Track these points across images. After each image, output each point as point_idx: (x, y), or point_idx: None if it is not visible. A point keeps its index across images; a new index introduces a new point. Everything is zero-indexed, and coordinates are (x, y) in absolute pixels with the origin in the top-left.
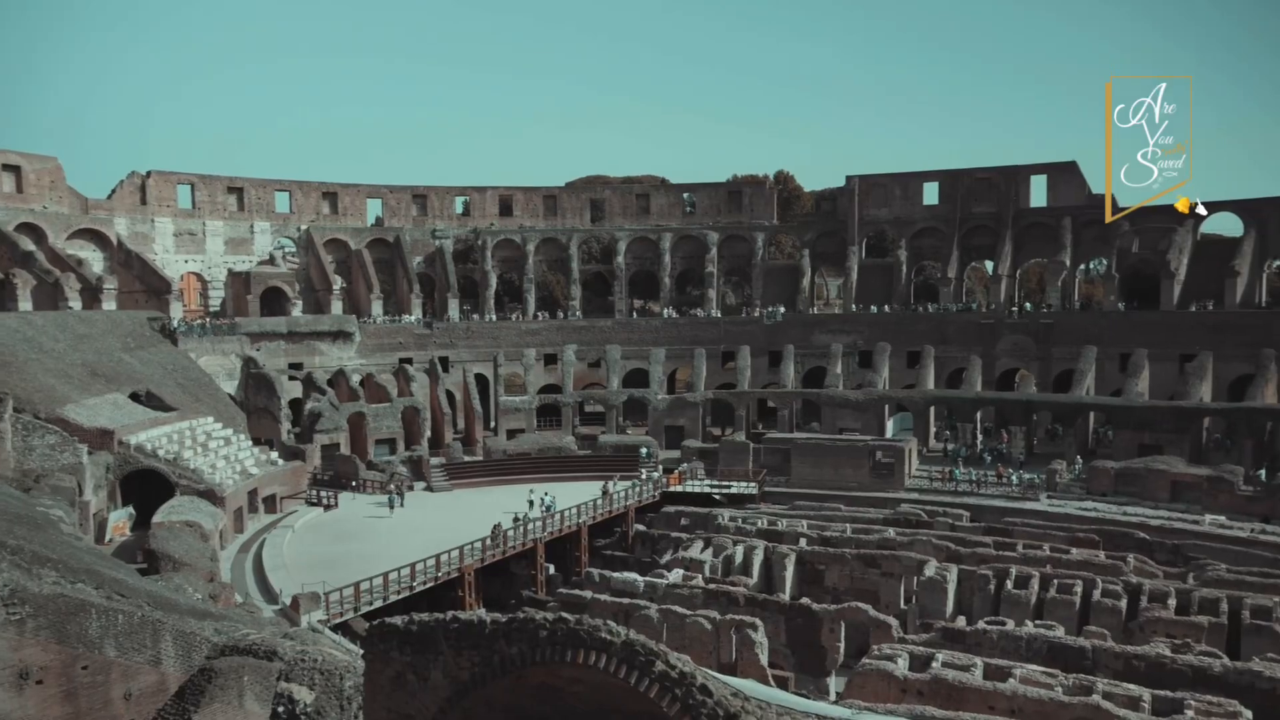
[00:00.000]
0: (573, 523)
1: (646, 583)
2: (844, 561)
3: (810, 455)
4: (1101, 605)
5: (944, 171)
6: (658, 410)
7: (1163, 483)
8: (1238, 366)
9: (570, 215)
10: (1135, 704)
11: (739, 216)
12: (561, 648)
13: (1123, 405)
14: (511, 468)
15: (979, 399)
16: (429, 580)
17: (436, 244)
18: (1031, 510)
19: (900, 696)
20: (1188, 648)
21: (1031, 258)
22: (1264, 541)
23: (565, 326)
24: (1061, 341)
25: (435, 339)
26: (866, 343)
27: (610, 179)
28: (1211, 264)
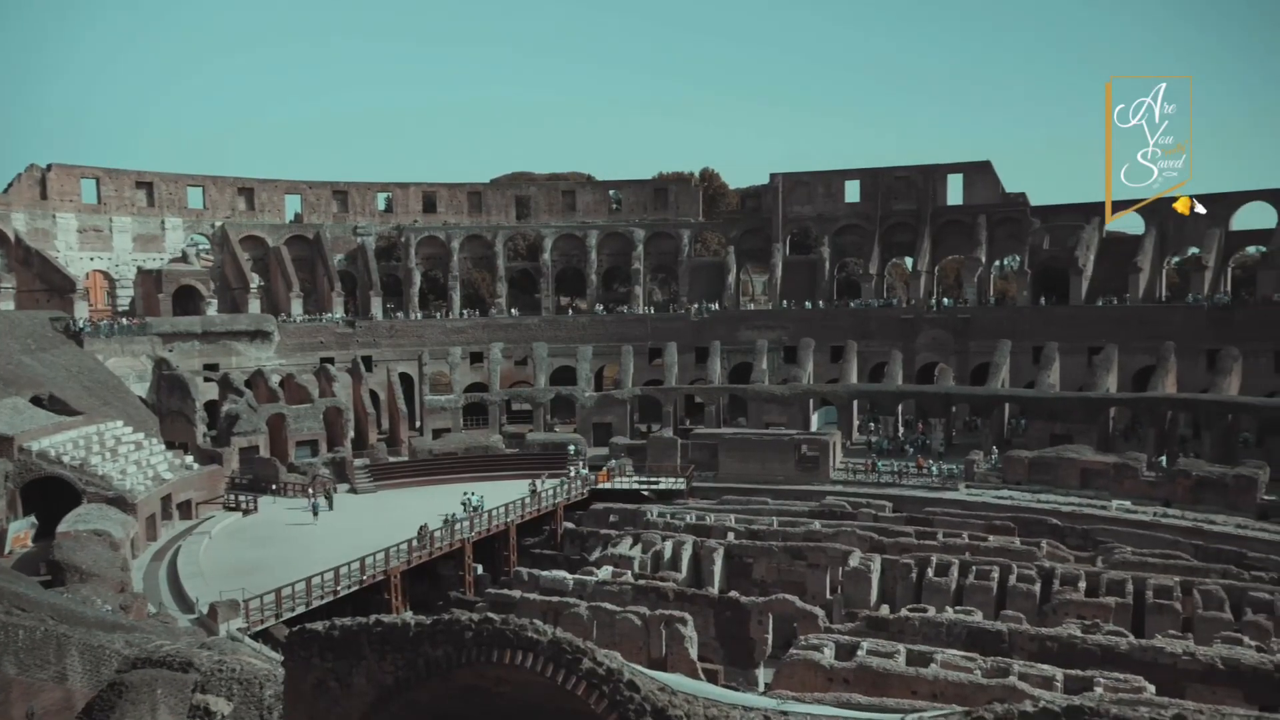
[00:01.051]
0: (501, 522)
1: (576, 580)
2: (771, 554)
3: (737, 450)
4: (1017, 590)
5: (865, 170)
6: (586, 408)
7: (1073, 471)
8: (1141, 358)
9: (496, 212)
10: (1049, 683)
11: (665, 214)
12: (488, 648)
13: (1035, 397)
14: (438, 467)
15: (900, 392)
16: (354, 584)
17: (358, 241)
18: (951, 500)
19: (827, 685)
20: (1097, 628)
21: (949, 254)
22: (1165, 524)
23: (491, 324)
24: (978, 336)
25: (358, 338)
26: (791, 338)
27: (536, 176)
28: (1116, 261)
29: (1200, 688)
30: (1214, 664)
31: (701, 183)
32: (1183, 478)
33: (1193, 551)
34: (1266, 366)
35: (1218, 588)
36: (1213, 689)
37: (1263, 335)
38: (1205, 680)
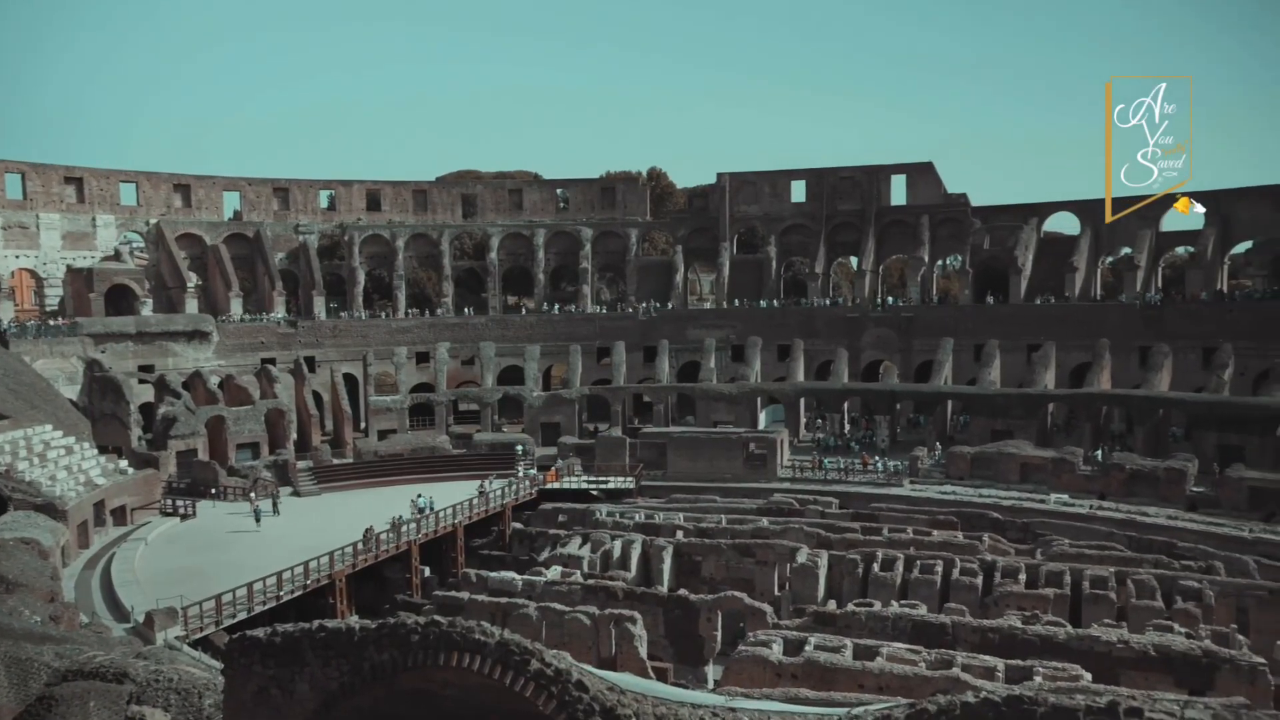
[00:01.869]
0: (448, 523)
1: (525, 581)
2: (720, 552)
3: (686, 449)
4: (960, 583)
5: (811, 170)
6: (534, 407)
7: (1013, 466)
8: (1077, 355)
9: (441, 210)
10: (990, 674)
11: (613, 213)
12: (434, 651)
13: (977, 394)
14: (384, 469)
15: (846, 390)
16: (297, 589)
17: (300, 239)
18: (896, 495)
19: (775, 681)
20: (1036, 619)
21: (893, 254)
22: (1101, 517)
23: (438, 324)
24: (921, 334)
25: (300, 338)
26: (739, 337)
27: (482, 174)
28: (1053, 260)
29: (1134, 674)
30: (1146, 651)
31: (649, 182)
32: (1117, 471)
33: (1127, 542)
34: (1195, 363)
35: (1150, 577)
36: (1145, 675)
37: (1191, 333)
38: (1138, 667)
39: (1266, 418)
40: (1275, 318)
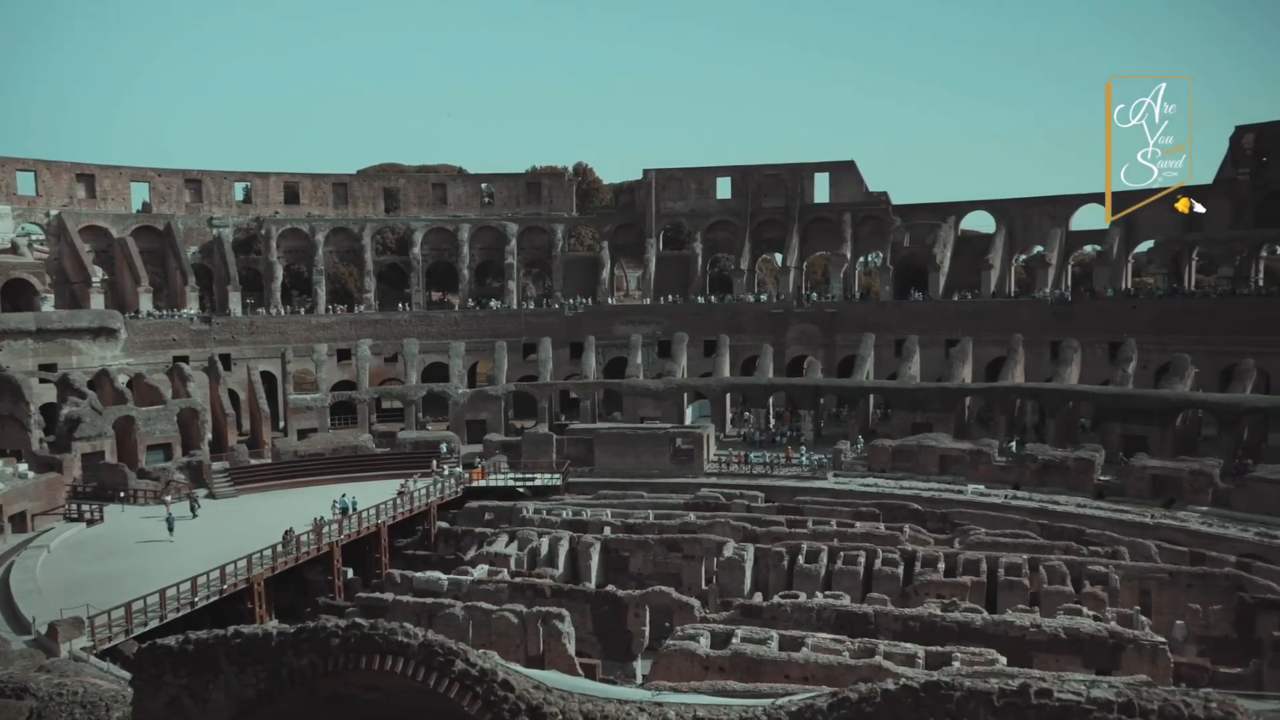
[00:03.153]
0: (371, 523)
1: (451, 580)
2: (647, 547)
3: (613, 444)
4: (882, 573)
5: (735, 167)
6: (458, 405)
7: (932, 458)
8: (993, 350)
9: (363, 204)
10: (911, 661)
11: (538, 208)
12: (355, 654)
13: (898, 388)
14: (304, 469)
15: (771, 385)
16: (213, 594)
17: (214, 233)
18: (820, 489)
19: (703, 674)
20: (954, 606)
21: (816, 250)
22: (1015, 506)
23: (359, 320)
24: (844, 329)
25: (215, 335)
26: (665, 333)
27: (405, 168)
28: (970, 257)
29: (1046, 656)
30: (1057, 634)
31: (575, 177)
32: (1030, 462)
33: (1039, 530)
34: (1102, 357)
35: (1060, 563)
36: (1057, 657)
37: (1098, 328)
38: (1050, 649)
39: (1167, 409)
40: (1174, 314)
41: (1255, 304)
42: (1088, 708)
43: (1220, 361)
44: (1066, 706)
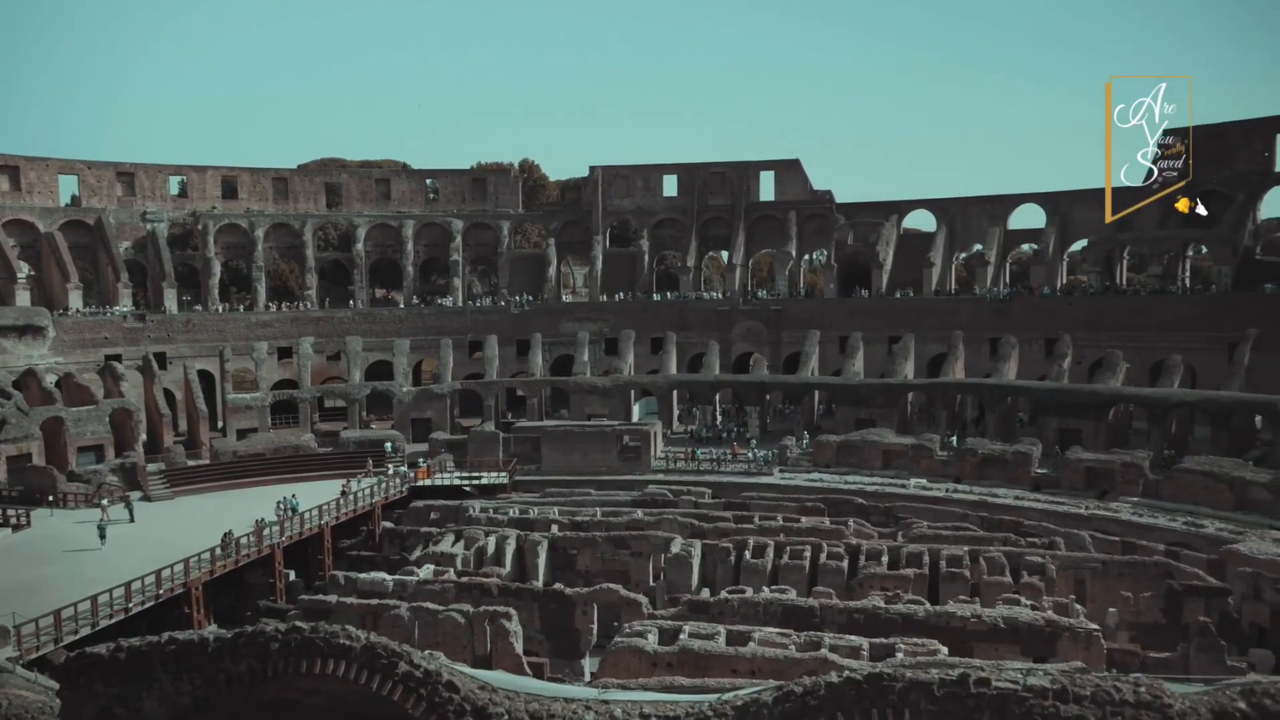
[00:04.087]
0: (314, 524)
1: (396, 581)
2: (595, 545)
3: (560, 442)
4: (827, 567)
5: (682, 165)
6: (403, 403)
7: (876, 453)
8: (934, 346)
9: (304, 199)
10: (856, 653)
11: (484, 204)
12: (296, 659)
13: (842, 384)
14: (244, 470)
15: (717, 382)
16: (148, 600)
17: (148, 228)
18: (766, 484)
19: (651, 670)
20: (898, 598)
21: (762, 248)
22: (955, 499)
23: (301, 318)
24: (789, 326)
25: (150, 333)
26: (612, 330)
27: (347, 162)
28: (912, 255)
29: (986, 645)
30: (997, 624)
31: (521, 174)
32: (970, 456)
33: (979, 523)
34: (1039, 353)
35: (1000, 554)
36: (996, 646)
37: (1035, 325)
38: (990, 639)
39: (1100, 403)
40: (1107, 311)
41: (1182, 302)
42: (1024, 695)
43: (1150, 357)
44: (1004, 694)
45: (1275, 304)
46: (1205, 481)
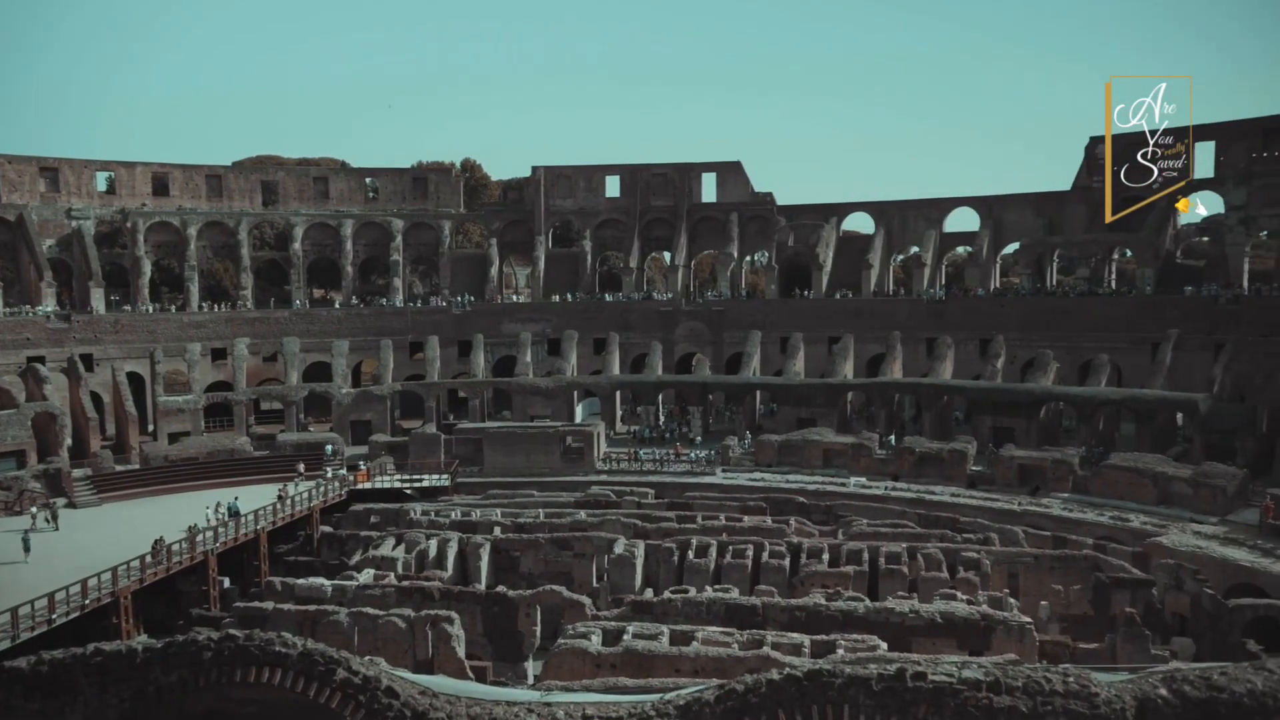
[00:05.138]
0: (249, 530)
1: (335, 586)
2: (538, 546)
3: (502, 444)
4: (769, 565)
5: (624, 166)
6: (342, 405)
7: (816, 452)
8: (872, 347)
9: (239, 197)
10: (798, 650)
11: (425, 204)
12: (229, 667)
13: (783, 384)
14: (176, 475)
15: (660, 382)
16: (74, 610)
17: (73, 225)
18: (709, 484)
19: (595, 671)
20: (838, 595)
21: (704, 249)
22: (895, 497)
23: (236, 318)
24: (731, 327)
25: (75, 334)
26: (555, 331)
27: (284, 160)
28: (851, 257)
29: (924, 640)
30: (934, 619)
31: (463, 173)
32: (908, 454)
33: (917, 520)
34: (973, 353)
35: (937, 550)
36: (934, 640)
37: (970, 325)
38: (927, 633)
39: (1032, 402)
40: (1038, 312)
41: (1108, 303)
42: (959, 688)
43: (1079, 357)
44: (939, 687)
45: (1194, 306)
46: (1130, 477)
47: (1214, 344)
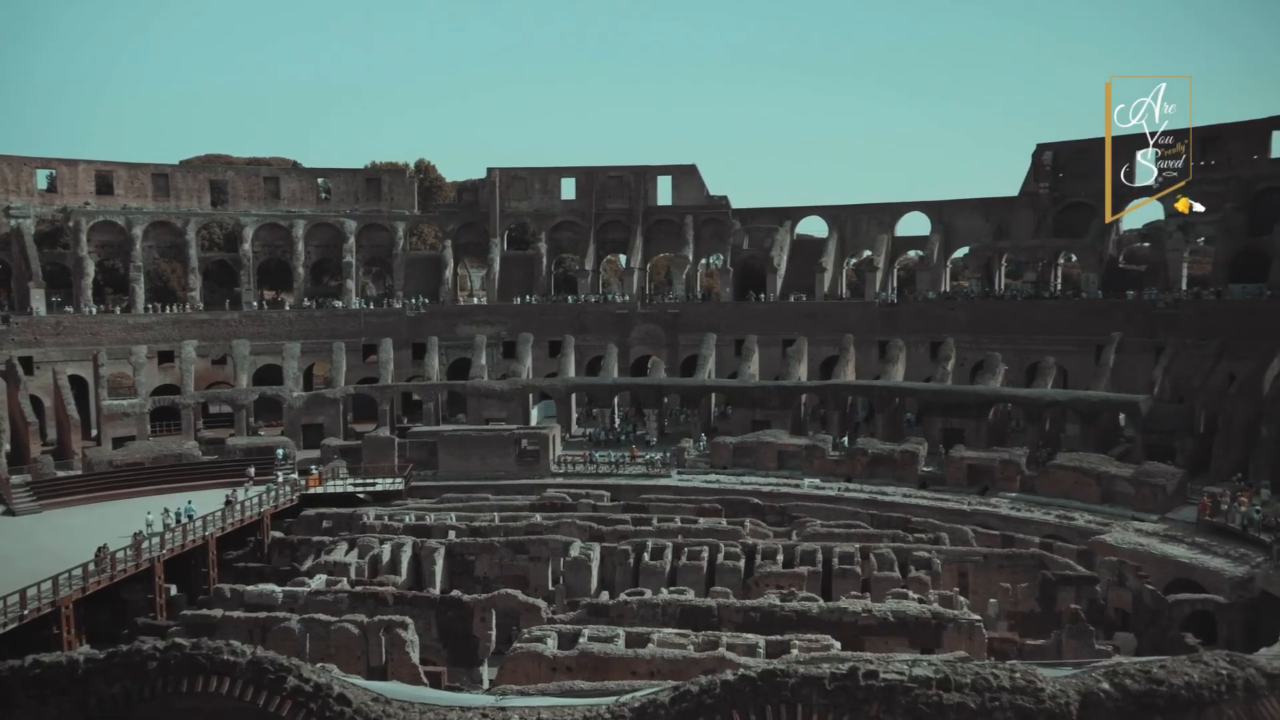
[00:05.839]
0: (197, 536)
1: (286, 593)
2: (493, 550)
3: (457, 447)
4: (724, 567)
5: (580, 168)
6: (294, 408)
7: (771, 453)
8: (826, 349)
9: (186, 197)
10: (752, 650)
11: (378, 205)
12: (175, 677)
13: (738, 386)
14: (121, 481)
15: (616, 385)
16: (12, 621)
17: (12, 224)
18: (664, 486)
19: (551, 675)
20: (793, 595)
21: (660, 252)
22: (847, 498)
23: (184, 320)
24: (687, 330)
25: (15, 336)
26: (510, 333)
27: (234, 159)
28: (805, 261)
29: (876, 639)
30: (886, 618)
31: (417, 174)
32: (861, 455)
33: (870, 520)
34: (924, 355)
35: (889, 550)
36: (886, 639)
37: (921, 328)
38: (880, 632)
39: (981, 403)
40: (987, 315)
41: (1054, 306)
42: (910, 685)
43: (1026, 359)
44: (891, 685)
45: (1136, 310)
46: (1075, 476)
47: (1154, 347)
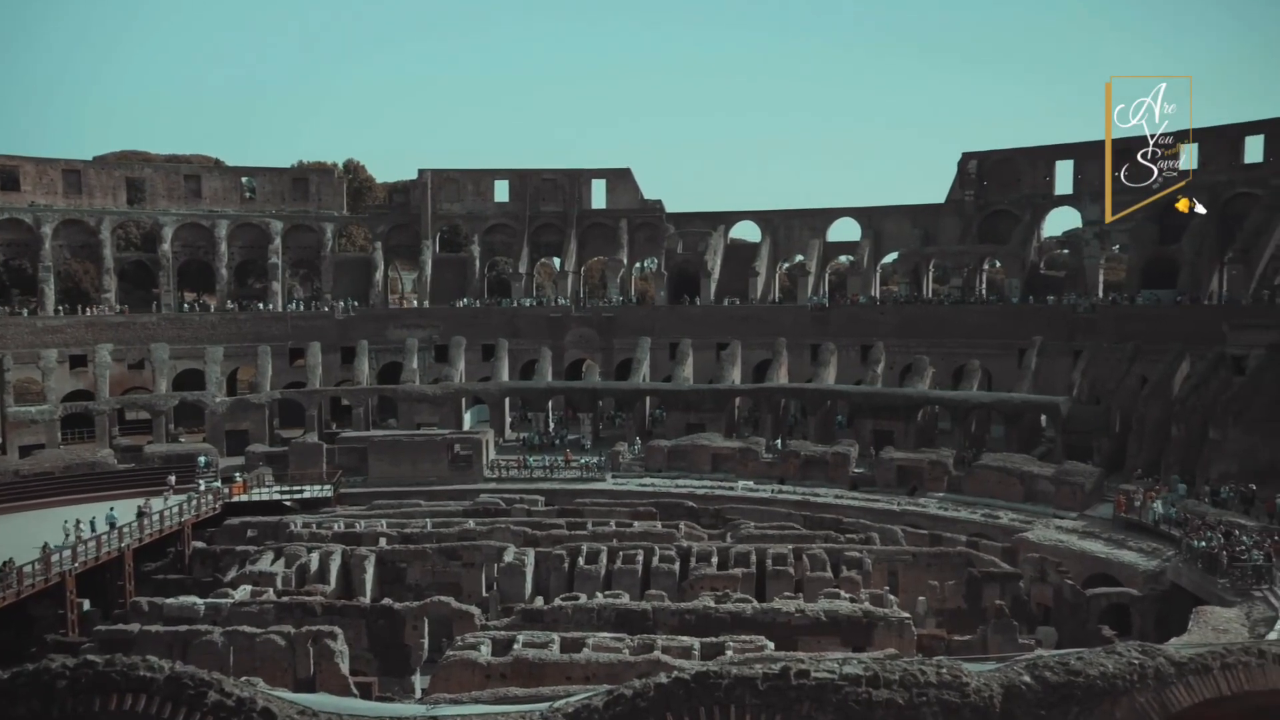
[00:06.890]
0: (112, 548)
1: (208, 605)
2: (425, 557)
3: (388, 452)
4: (659, 570)
5: (513, 170)
6: (216, 414)
7: (705, 456)
8: (759, 353)
9: (100, 194)
10: (688, 653)
11: (306, 205)
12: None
13: (672, 390)
14: (29, 491)
15: (550, 388)
16: None
17: None
18: (599, 490)
19: (485, 682)
20: (727, 597)
21: (594, 255)
22: (780, 500)
23: (98, 323)
24: (621, 333)
25: None
26: (442, 337)
27: (152, 156)
28: (738, 265)
29: (809, 639)
30: (819, 617)
31: (346, 174)
32: (793, 457)
33: (802, 521)
34: (855, 358)
35: (821, 551)
36: (819, 639)
37: (852, 332)
38: (813, 632)
39: (910, 406)
40: (916, 319)
41: (979, 311)
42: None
43: (953, 362)
44: (822, 684)
45: (1056, 315)
46: (999, 476)
47: (1073, 350)
